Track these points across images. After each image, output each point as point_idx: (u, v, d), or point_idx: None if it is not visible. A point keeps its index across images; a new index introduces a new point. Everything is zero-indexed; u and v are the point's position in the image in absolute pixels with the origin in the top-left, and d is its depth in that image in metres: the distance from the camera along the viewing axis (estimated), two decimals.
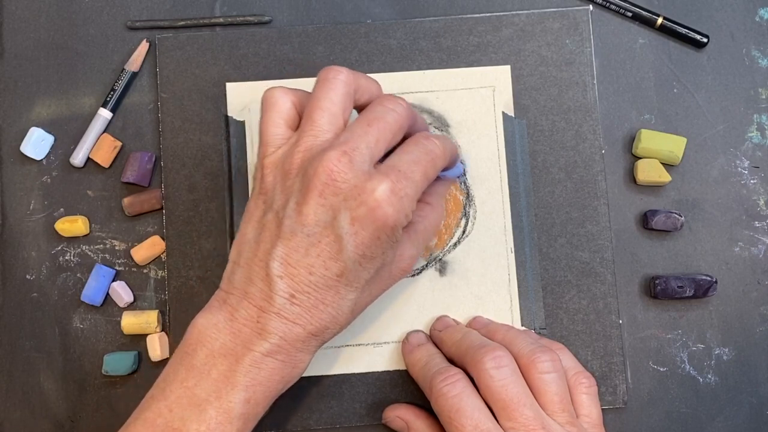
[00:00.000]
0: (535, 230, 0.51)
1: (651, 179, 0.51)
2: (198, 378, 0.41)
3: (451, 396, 0.43)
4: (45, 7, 0.54)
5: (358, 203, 0.40)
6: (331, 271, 0.41)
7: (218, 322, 0.42)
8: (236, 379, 0.41)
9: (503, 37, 0.53)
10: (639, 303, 0.51)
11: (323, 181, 0.40)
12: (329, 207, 0.40)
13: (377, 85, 0.46)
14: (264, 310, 0.41)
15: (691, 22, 0.53)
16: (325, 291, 0.41)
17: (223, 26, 0.54)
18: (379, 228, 0.40)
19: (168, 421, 0.41)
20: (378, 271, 0.43)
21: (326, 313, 0.42)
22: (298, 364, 0.43)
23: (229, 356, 0.41)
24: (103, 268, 0.51)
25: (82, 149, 0.52)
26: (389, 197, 0.40)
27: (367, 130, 0.42)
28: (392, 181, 0.40)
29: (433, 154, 0.43)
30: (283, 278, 0.41)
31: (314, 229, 0.40)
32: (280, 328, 0.41)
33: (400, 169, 0.41)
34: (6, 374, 0.51)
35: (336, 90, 0.43)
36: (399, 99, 0.44)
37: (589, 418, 0.45)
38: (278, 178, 0.43)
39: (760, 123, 0.53)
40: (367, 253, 0.41)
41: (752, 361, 0.51)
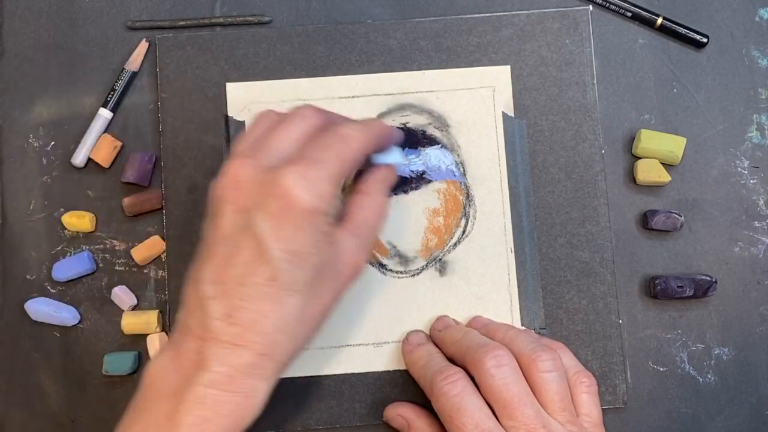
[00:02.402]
0: (535, 230, 0.51)
1: (651, 179, 0.51)
2: (145, 423, 0.39)
3: (451, 395, 0.43)
4: (45, 7, 0.54)
5: (267, 197, 0.39)
6: (262, 276, 0.38)
7: (165, 362, 0.40)
8: (180, 419, 0.38)
9: (503, 37, 0.53)
10: (639, 303, 0.51)
11: (230, 187, 0.40)
12: (241, 211, 0.39)
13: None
14: (203, 339, 0.39)
15: (691, 22, 0.53)
16: (261, 301, 0.38)
17: (223, 26, 0.54)
18: (296, 216, 0.38)
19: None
20: (319, 271, 0.40)
21: (269, 326, 0.39)
22: (251, 394, 0.39)
23: (172, 396, 0.39)
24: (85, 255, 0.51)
25: (82, 149, 0.52)
26: (297, 181, 0.38)
27: (270, 134, 0.42)
28: (299, 166, 0.39)
29: (345, 136, 0.41)
30: (215, 298, 0.39)
31: (234, 237, 0.39)
32: (220, 355, 0.38)
33: (306, 155, 0.40)
34: (6, 374, 0.51)
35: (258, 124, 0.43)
36: (307, 105, 0.44)
37: (589, 418, 0.45)
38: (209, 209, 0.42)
39: (760, 123, 0.53)
40: (293, 247, 0.39)
41: (752, 361, 0.51)
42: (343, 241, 0.42)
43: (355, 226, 0.43)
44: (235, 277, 0.39)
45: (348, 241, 0.42)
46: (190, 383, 0.38)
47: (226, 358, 0.38)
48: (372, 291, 0.51)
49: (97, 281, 0.52)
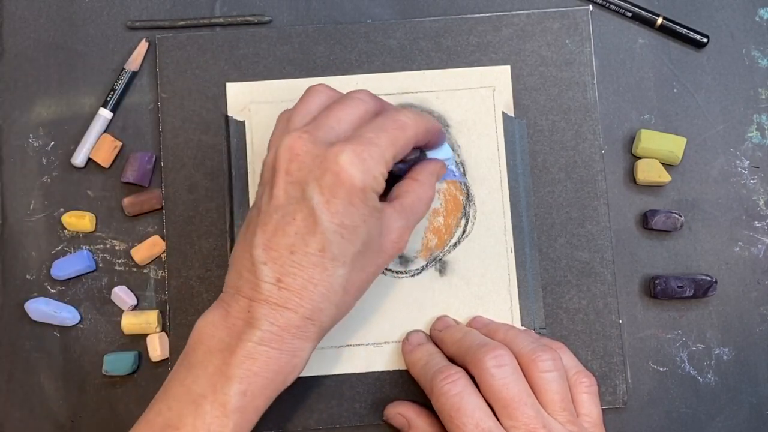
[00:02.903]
0: (535, 230, 0.51)
1: (651, 179, 0.51)
2: (195, 375, 0.41)
3: (452, 395, 0.43)
4: (45, 7, 0.54)
5: (322, 171, 0.40)
6: (312, 246, 0.41)
7: (215, 319, 0.42)
8: (231, 371, 0.41)
9: (503, 37, 0.53)
10: (639, 303, 0.51)
11: (287, 158, 0.41)
12: (296, 182, 0.41)
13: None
14: (254, 300, 0.41)
15: (691, 22, 0.53)
16: (311, 269, 0.41)
17: (223, 26, 0.54)
18: (348, 192, 0.40)
19: (167, 419, 0.41)
20: (366, 244, 0.42)
21: (316, 293, 0.41)
22: (297, 353, 0.42)
23: (224, 351, 0.41)
24: (85, 254, 0.51)
25: (82, 149, 0.52)
26: (352, 159, 0.40)
27: (328, 113, 0.43)
28: (354, 145, 0.41)
29: (399, 122, 0.43)
30: (267, 263, 0.41)
31: (287, 208, 0.41)
32: (270, 315, 0.41)
33: (363, 135, 0.42)
34: (6, 374, 0.51)
35: (314, 96, 0.45)
36: (362, 89, 0.45)
37: (589, 417, 0.45)
38: (261, 176, 0.44)
39: (760, 123, 0.53)
40: (345, 221, 0.41)
41: (752, 361, 0.51)
42: (390, 219, 0.44)
43: (402, 208, 0.45)
44: (287, 246, 0.41)
45: (395, 220, 0.44)
46: (240, 339, 0.41)
47: (275, 319, 0.41)
48: (372, 291, 0.50)
49: (97, 281, 0.52)
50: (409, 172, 0.47)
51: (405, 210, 0.45)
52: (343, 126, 0.43)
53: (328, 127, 0.42)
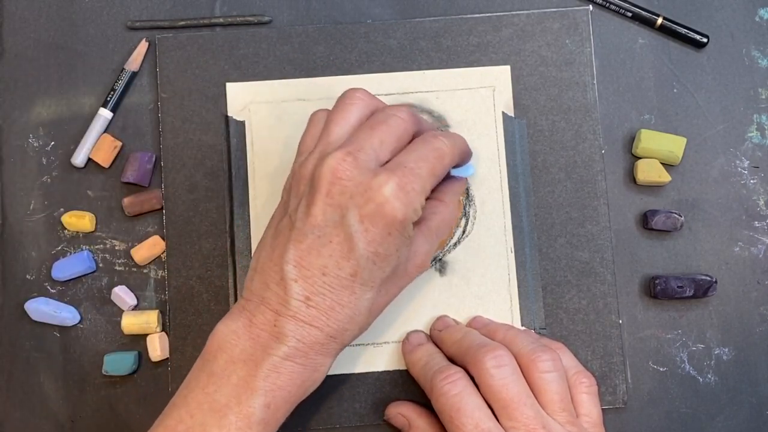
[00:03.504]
0: (535, 230, 0.51)
1: (651, 179, 0.51)
2: (218, 384, 0.41)
3: (451, 395, 0.43)
4: (45, 7, 0.54)
5: (365, 200, 0.40)
6: (345, 270, 0.41)
7: (237, 328, 0.42)
8: (256, 384, 0.41)
9: (503, 37, 0.53)
10: (639, 303, 0.51)
11: (329, 180, 0.41)
12: (337, 206, 0.41)
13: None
14: (280, 314, 0.41)
15: (691, 22, 0.53)
16: (340, 291, 0.41)
17: (223, 26, 0.54)
18: (388, 224, 0.40)
19: (189, 427, 0.41)
20: (394, 270, 0.43)
21: (343, 314, 0.41)
22: (318, 368, 0.42)
23: (248, 362, 0.41)
24: (85, 255, 0.51)
25: (82, 149, 0.52)
26: (397, 192, 0.40)
27: (371, 132, 0.43)
28: (399, 177, 0.41)
29: (440, 151, 0.43)
30: (298, 281, 0.41)
31: (324, 229, 0.41)
32: (297, 332, 0.41)
33: (407, 166, 0.42)
34: (6, 374, 0.51)
35: (353, 105, 0.44)
36: (402, 105, 0.45)
37: (589, 418, 0.45)
38: (294, 184, 0.44)
39: (760, 123, 0.53)
40: (380, 250, 0.41)
41: (752, 361, 0.51)
42: (417, 244, 0.44)
43: (429, 230, 0.45)
44: (320, 267, 0.41)
45: (421, 244, 0.45)
46: (266, 353, 0.41)
47: (302, 336, 0.41)
48: None
49: (97, 281, 0.52)
50: (435, 191, 0.47)
51: (431, 233, 0.45)
52: (384, 148, 0.42)
53: (371, 149, 0.42)
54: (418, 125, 0.45)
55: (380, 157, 0.42)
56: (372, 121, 0.44)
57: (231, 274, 0.51)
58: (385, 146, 0.42)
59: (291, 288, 0.41)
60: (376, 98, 0.46)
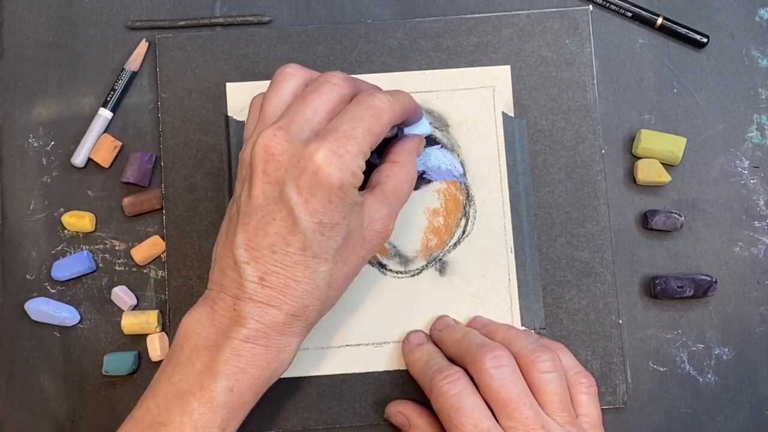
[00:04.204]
0: (535, 230, 0.51)
1: (651, 179, 0.51)
2: (183, 372, 0.42)
3: (451, 395, 0.43)
4: (45, 7, 0.54)
5: (300, 171, 0.40)
6: (293, 246, 0.41)
7: (200, 317, 0.42)
8: (218, 368, 0.41)
9: (503, 37, 0.53)
10: (639, 303, 0.51)
11: (263, 158, 0.41)
12: (274, 183, 0.41)
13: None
14: (238, 298, 0.42)
15: (691, 22, 0.53)
16: (293, 267, 0.41)
17: (223, 26, 0.54)
18: (327, 191, 0.40)
19: (155, 416, 0.41)
20: (347, 239, 0.42)
21: (300, 290, 0.41)
22: (283, 349, 0.42)
23: (210, 347, 0.42)
24: (85, 255, 0.51)
25: (82, 149, 0.52)
26: (329, 158, 0.40)
27: (302, 103, 0.42)
28: (330, 142, 0.40)
29: (375, 109, 0.42)
30: (249, 263, 0.41)
31: (266, 208, 0.41)
32: (255, 313, 0.41)
33: (338, 129, 0.41)
34: (6, 374, 0.51)
35: (285, 81, 0.44)
36: (335, 71, 0.44)
37: (588, 418, 0.45)
38: (238, 171, 0.44)
39: (760, 123, 0.53)
40: (324, 219, 0.40)
41: (752, 361, 0.51)
42: (372, 209, 0.44)
43: (384, 195, 0.45)
44: (268, 246, 0.41)
45: (377, 210, 0.44)
46: (227, 337, 0.41)
47: (261, 317, 0.41)
48: (372, 291, 0.51)
49: (97, 281, 0.52)
50: (387, 153, 0.47)
51: (387, 197, 0.45)
52: (318, 116, 0.42)
53: (303, 120, 0.41)
54: (355, 88, 0.44)
55: (314, 126, 0.42)
56: (304, 91, 0.43)
57: None
58: (318, 114, 0.42)
59: (244, 271, 0.41)
60: (309, 70, 0.45)
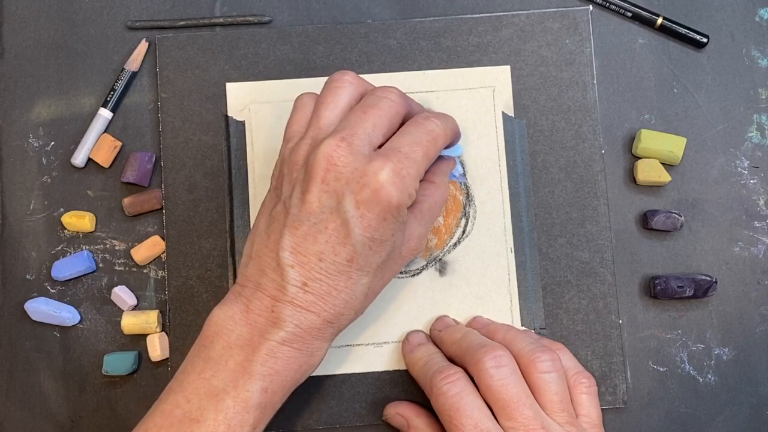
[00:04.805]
0: (535, 230, 0.51)
1: (651, 179, 0.51)
2: (215, 369, 0.41)
3: (451, 395, 0.43)
4: (45, 7, 0.54)
5: (361, 186, 0.40)
6: (341, 256, 0.41)
7: (234, 314, 0.42)
8: (253, 368, 0.41)
9: (503, 37, 0.53)
10: (639, 303, 0.51)
11: (324, 167, 0.41)
12: (333, 192, 0.41)
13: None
14: (278, 300, 0.42)
15: (691, 22, 0.53)
16: (336, 277, 0.41)
17: (223, 26, 0.54)
18: (384, 209, 0.41)
19: (186, 412, 0.41)
20: (390, 254, 0.43)
21: (339, 299, 0.42)
22: (315, 353, 0.43)
23: (245, 347, 0.41)
24: (85, 255, 0.51)
25: (82, 149, 0.52)
26: (392, 178, 0.40)
27: (363, 117, 0.43)
28: (394, 162, 0.41)
29: (433, 134, 0.44)
30: (294, 267, 0.41)
31: (320, 215, 0.41)
32: (294, 317, 0.41)
33: (401, 150, 0.42)
34: (6, 374, 0.51)
35: (342, 89, 0.44)
36: (391, 87, 0.45)
37: (588, 418, 0.45)
38: (286, 170, 0.44)
39: (760, 123, 0.53)
40: (376, 235, 0.41)
41: (752, 361, 0.51)
42: (411, 227, 0.44)
43: (422, 214, 0.45)
44: (316, 253, 0.41)
45: (415, 228, 0.45)
46: (263, 338, 0.42)
47: (299, 321, 0.42)
48: None
49: (97, 281, 0.52)
50: (426, 173, 0.47)
51: (424, 216, 0.45)
52: (377, 132, 0.42)
53: (364, 134, 0.42)
54: (409, 106, 0.45)
55: (373, 141, 0.42)
56: (363, 104, 0.43)
57: (231, 274, 0.51)
58: (377, 130, 0.42)
59: (288, 274, 0.41)
60: (364, 80, 0.45)
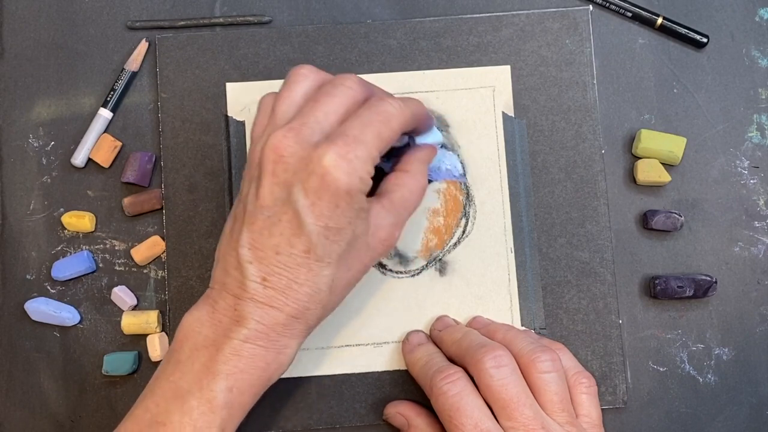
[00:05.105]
0: (535, 230, 0.51)
1: (651, 179, 0.51)
2: (182, 371, 0.42)
3: (451, 395, 0.43)
4: (45, 7, 0.54)
5: (308, 174, 0.40)
6: (297, 248, 0.41)
7: (201, 316, 0.42)
8: (217, 368, 0.41)
9: (503, 37, 0.53)
10: (639, 303, 0.51)
11: (272, 159, 0.41)
12: (283, 184, 0.41)
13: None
14: (239, 297, 0.41)
15: (691, 22, 0.53)
16: (296, 269, 0.41)
17: (223, 26, 0.54)
18: (334, 195, 0.40)
19: (154, 416, 0.41)
20: (351, 244, 0.42)
21: (301, 292, 0.41)
22: (282, 350, 0.42)
23: (210, 347, 0.41)
24: (85, 255, 0.51)
25: (82, 149, 0.52)
26: (337, 162, 0.40)
27: (314, 105, 0.42)
28: (339, 146, 0.40)
29: (385, 114, 0.42)
30: (253, 263, 0.41)
31: (273, 209, 0.41)
32: (256, 313, 0.41)
33: (348, 134, 0.41)
34: (6, 374, 0.51)
35: (297, 83, 0.44)
36: (350, 74, 0.44)
37: (588, 418, 0.45)
38: (247, 171, 0.44)
39: (760, 123, 0.53)
40: (330, 224, 0.40)
41: (752, 361, 0.51)
42: (379, 217, 0.43)
43: (391, 203, 0.44)
44: (273, 246, 0.41)
45: (384, 218, 0.44)
46: (227, 336, 0.41)
47: (261, 317, 0.41)
48: (372, 291, 0.51)
49: (97, 281, 0.52)
50: (398, 162, 0.46)
51: (395, 206, 0.44)
52: (329, 120, 0.42)
53: (314, 122, 0.41)
54: (368, 92, 0.44)
55: (325, 129, 0.41)
56: (317, 93, 0.43)
57: None
58: (330, 117, 0.42)
59: (247, 270, 0.41)
60: (322, 72, 0.44)
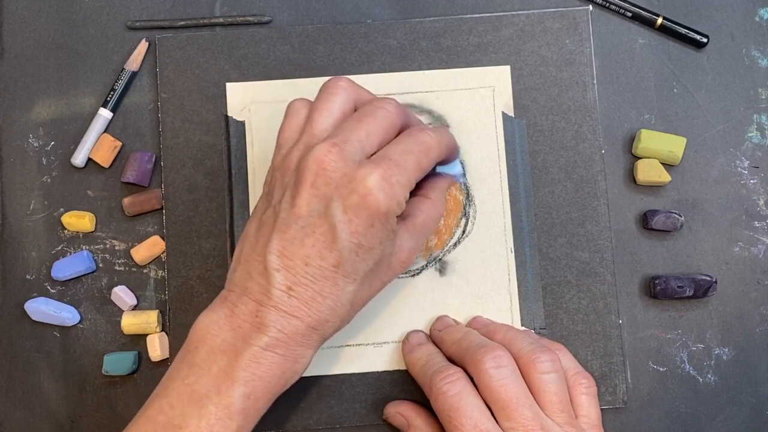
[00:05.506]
0: (535, 230, 0.51)
1: (651, 179, 0.51)
2: (198, 375, 0.41)
3: (450, 395, 0.43)
4: (45, 7, 0.54)
5: (349, 191, 0.40)
6: (327, 261, 0.41)
7: (219, 319, 0.42)
8: (236, 374, 0.41)
9: (503, 37, 0.53)
10: (639, 303, 0.51)
11: (314, 171, 0.41)
12: (321, 197, 0.41)
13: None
14: (262, 304, 0.41)
15: (691, 22, 0.53)
16: (322, 282, 0.41)
17: (223, 26, 0.54)
18: (371, 215, 0.40)
19: (169, 418, 0.41)
20: (377, 263, 0.42)
21: (324, 305, 0.42)
22: (299, 359, 0.43)
23: (228, 352, 0.41)
24: (85, 255, 0.51)
25: (82, 149, 0.52)
26: (380, 184, 0.40)
27: (358, 125, 0.43)
28: (383, 169, 0.41)
29: (426, 145, 0.43)
30: (280, 271, 0.41)
31: (308, 219, 0.41)
32: (278, 322, 0.41)
33: (391, 158, 0.42)
34: (6, 374, 0.51)
35: (336, 95, 0.44)
36: (389, 98, 0.45)
37: (588, 419, 0.45)
38: (278, 176, 0.43)
39: (760, 123, 0.53)
40: (363, 242, 0.41)
41: (752, 361, 0.51)
42: (402, 239, 0.44)
43: (414, 227, 0.45)
44: (303, 257, 0.41)
45: (407, 240, 0.44)
46: (247, 343, 0.41)
47: (282, 326, 0.41)
48: None
49: (97, 281, 0.52)
50: (421, 188, 0.47)
51: (417, 230, 0.45)
52: (371, 141, 0.42)
53: (357, 141, 0.42)
54: (406, 118, 0.45)
55: (366, 149, 0.42)
56: (359, 113, 0.44)
57: None
58: (371, 138, 0.42)
59: (273, 278, 0.41)
60: (359, 87, 0.45)
